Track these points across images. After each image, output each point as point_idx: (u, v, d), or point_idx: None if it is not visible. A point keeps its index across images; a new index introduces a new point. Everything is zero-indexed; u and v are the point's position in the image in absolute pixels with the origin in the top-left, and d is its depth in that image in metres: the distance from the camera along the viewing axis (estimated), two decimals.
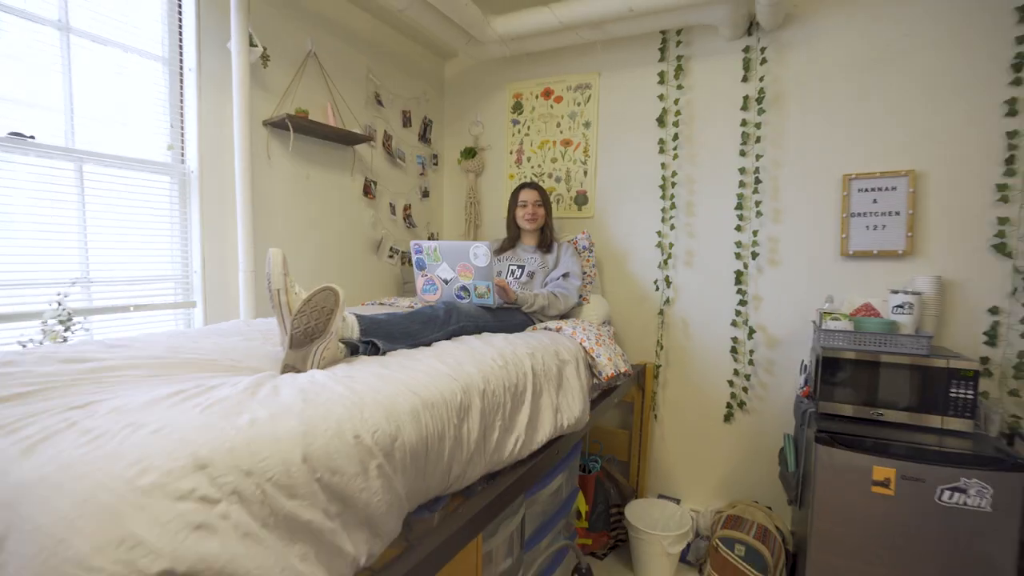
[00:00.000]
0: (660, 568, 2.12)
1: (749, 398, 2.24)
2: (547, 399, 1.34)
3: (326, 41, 2.13)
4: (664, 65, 2.33)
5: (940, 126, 1.90)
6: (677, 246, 2.34)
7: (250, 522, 0.61)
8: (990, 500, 1.45)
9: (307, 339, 1.11)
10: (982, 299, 1.88)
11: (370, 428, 0.80)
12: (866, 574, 1.59)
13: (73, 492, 0.54)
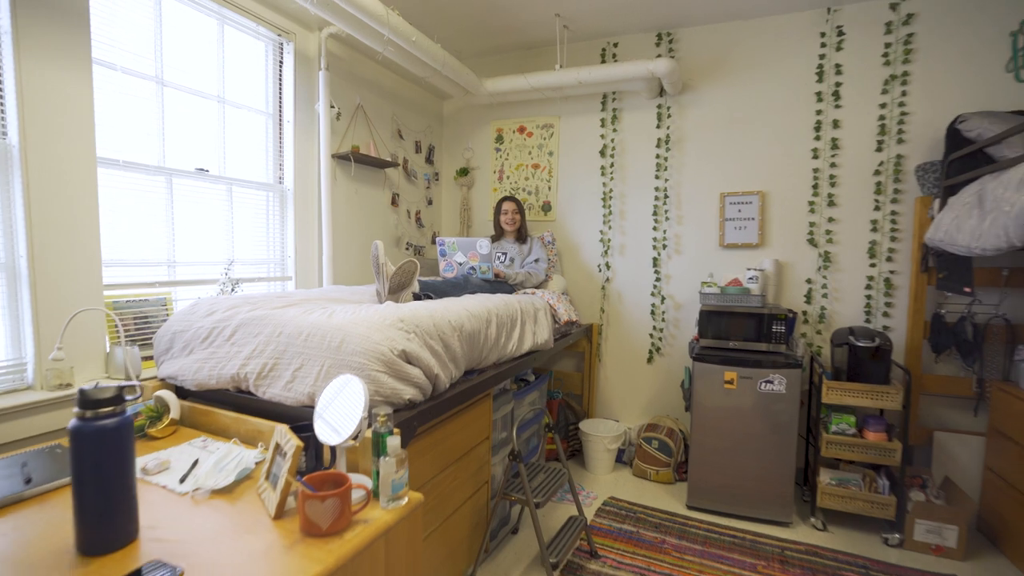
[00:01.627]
0: (603, 461, 3.10)
1: (663, 345, 3.26)
2: (528, 327, 2.29)
3: (367, 96, 3.02)
4: (604, 114, 3.31)
5: (777, 163, 2.95)
6: (613, 241, 3.33)
7: (420, 343, 1.52)
8: (784, 386, 2.48)
9: (399, 289, 2.01)
10: (802, 273, 2.94)
11: (456, 319, 1.72)
12: (721, 443, 2.60)
13: (354, 325, 1.44)
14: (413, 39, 2.37)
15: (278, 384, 1.46)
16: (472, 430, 1.98)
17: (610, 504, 2.73)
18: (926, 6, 2.66)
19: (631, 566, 2.20)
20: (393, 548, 1.09)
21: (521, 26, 3.07)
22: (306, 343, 1.45)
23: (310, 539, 0.98)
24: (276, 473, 1.10)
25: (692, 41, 3.09)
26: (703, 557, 2.27)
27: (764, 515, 2.56)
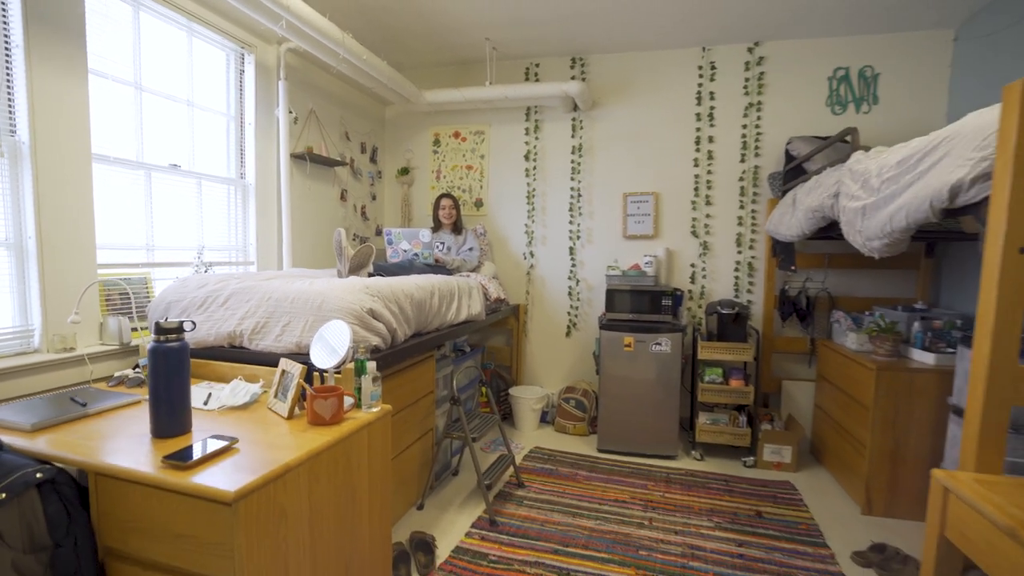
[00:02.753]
0: (529, 421, 3.64)
1: (578, 321, 3.86)
2: (464, 300, 2.78)
3: (319, 102, 3.37)
4: (528, 124, 3.86)
5: (667, 169, 3.63)
6: (536, 233, 3.90)
7: (382, 304, 1.97)
8: (670, 347, 3.13)
9: (357, 268, 2.43)
10: (686, 259, 3.64)
11: (407, 289, 2.17)
12: (624, 396, 3.22)
13: (331, 290, 1.87)
14: (364, 58, 2.78)
15: (269, 337, 1.85)
16: (419, 383, 2.44)
17: (535, 452, 3.28)
18: (773, 52, 3.42)
19: (550, 491, 2.75)
20: (373, 439, 1.55)
21: (456, 46, 3.54)
22: (292, 305, 1.85)
23: (317, 427, 1.41)
24: (285, 390, 1.52)
25: (600, 66, 3.70)
26: (607, 482, 2.87)
27: (656, 451, 3.21)
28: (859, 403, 2.68)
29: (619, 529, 2.39)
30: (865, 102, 3.33)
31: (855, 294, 3.40)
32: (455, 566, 2.09)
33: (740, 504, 2.66)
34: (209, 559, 1.09)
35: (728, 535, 2.36)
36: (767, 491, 2.81)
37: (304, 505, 1.25)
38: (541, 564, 2.11)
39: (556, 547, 2.24)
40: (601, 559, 2.15)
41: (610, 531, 2.37)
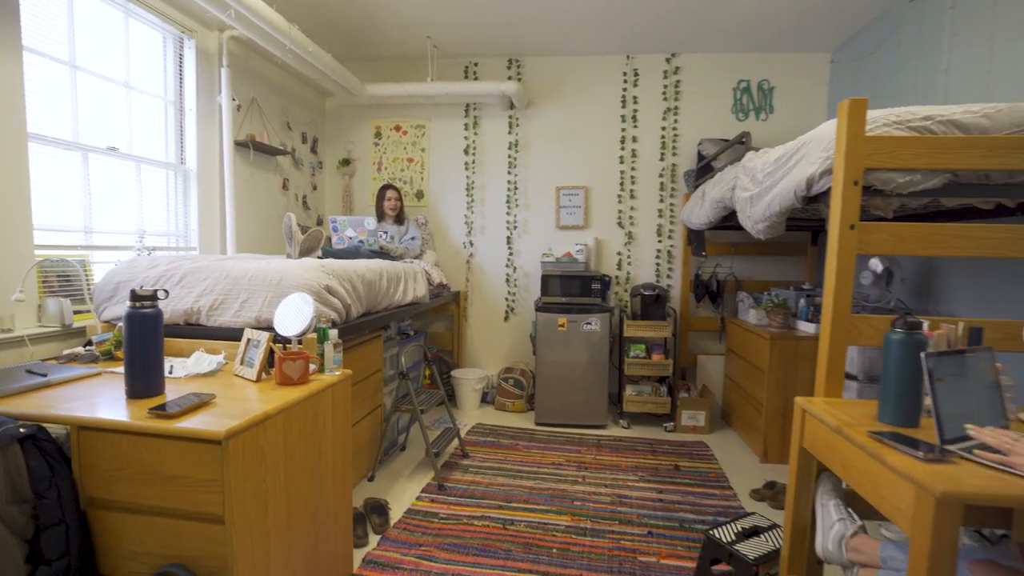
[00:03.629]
0: (471, 400, 3.85)
1: (516, 306, 4.12)
2: (410, 283, 2.95)
3: (260, 90, 3.39)
4: (467, 120, 4.06)
5: (596, 165, 3.97)
6: (475, 223, 4.11)
7: (337, 281, 2.10)
8: (599, 326, 3.46)
9: (307, 252, 2.53)
10: (614, 247, 3.99)
11: (359, 270, 2.32)
12: (558, 373, 3.51)
13: (289, 268, 1.99)
14: (310, 50, 2.87)
15: (228, 313, 1.94)
16: (369, 360, 2.59)
17: (477, 428, 3.50)
18: (687, 63, 3.83)
19: (493, 459, 2.98)
20: (336, 400, 1.71)
21: (399, 42, 3.68)
22: (251, 282, 1.95)
23: (285, 387, 1.55)
24: (251, 356, 1.64)
25: (535, 68, 3.97)
26: (545, 450, 3.14)
27: (588, 422, 3.53)
28: (758, 368, 3.12)
29: (556, 486, 2.66)
30: (763, 111, 3.82)
31: (756, 277, 3.90)
32: (408, 524, 2.27)
33: (661, 461, 3.02)
34: (200, 495, 1.22)
35: (650, 485, 2.70)
36: (684, 450, 3.19)
37: (280, 451, 1.40)
38: (487, 517, 2.34)
39: (500, 503, 2.47)
40: (541, 510, 2.41)
41: (548, 488, 2.63)
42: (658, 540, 2.19)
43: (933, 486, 0.98)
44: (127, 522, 1.28)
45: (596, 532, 2.24)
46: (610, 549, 2.12)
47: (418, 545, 2.10)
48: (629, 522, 2.33)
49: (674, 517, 2.38)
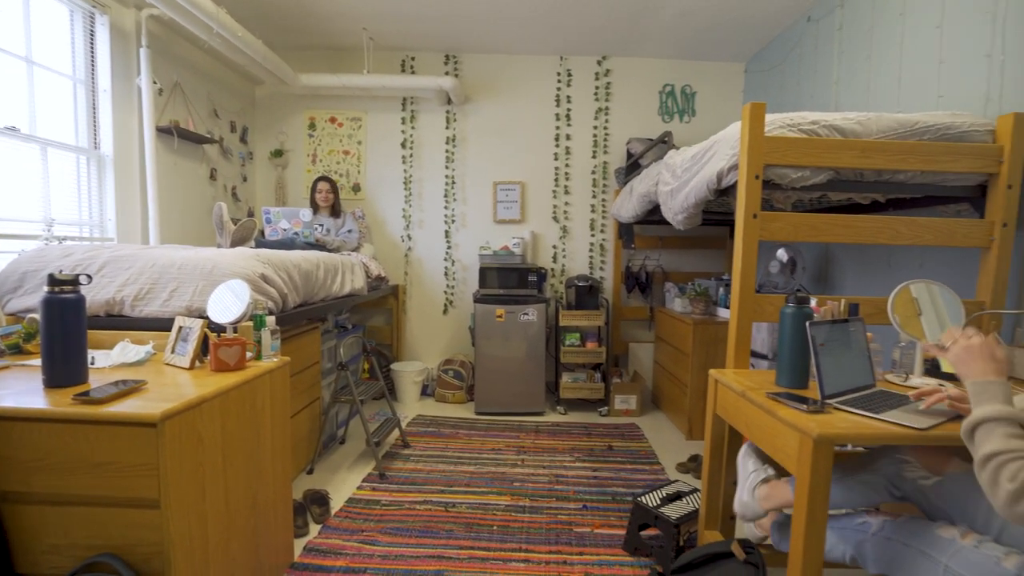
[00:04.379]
0: (411, 393, 3.87)
1: (454, 299, 4.17)
2: (348, 275, 2.93)
3: (184, 74, 3.23)
4: (404, 114, 4.07)
5: (532, 161, 4.09)
6: (414, 217, 4.13)
7: (273, 270, 2.08)
8: (536, 316, 3.59)
9: (239, 243, 2.46)
10: (549, 241, 4.14)
11: (295, 260, 2.29)
12: (497, 363, 3.60)
13: (222, 256, 1.94)
14: (239, 34, 2.78)
15: (155, 303, 1.87)
16: (306, 352, 2.56)
17: (418, 419, 3.53)
18: (617, 66, 4.04)
19: (434, 448, 3.03)
20: (275, 386, 1.70)
21: (333, 33, 3.62)
22: (180, 270, 1.89)
23: (221, 373, 1.54)
24: (184, 344, 1.60)
25: (472, 64, 4.04)
26: (485, 437, 3.22)
27: (527, 409, 3.65)
28: (683, 353, 3.36)
29: (496, 470, 2.75)
30: (686, 114, 4.10)
31: (682, 269, 4.18)
32: (350, 512, 2.28)
33: (596, 442, 3.18)
34: (132, 480, 1.19)
35: (586, 464, 2.85)
36: (617, 431, 3.38)
37: (218, 436, 1.39)
38: (429, 502, 2.39)
39: (442, 488, 2.53)
40: (481, 492, 2.49)
41: (488, 472, 2.72)
42: (592, 512, 2.33)
43: (811, 431, 1.15)
44: (47, 515, 1.24)
45: (535, 509, 2.35)
46: (547, 523, 2.23)
47: (360, 531, 2.12)
48: (566, 498, 2.46)
49: (607, 492, 2.54)
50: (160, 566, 1.23)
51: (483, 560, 1.95)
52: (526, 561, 1.95)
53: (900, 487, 1.32)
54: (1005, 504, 0.85)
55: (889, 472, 1.35)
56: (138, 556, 1.23)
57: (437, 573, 1.86)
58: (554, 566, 1.92)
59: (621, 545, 2.07)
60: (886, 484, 1.34)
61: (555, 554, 2.00)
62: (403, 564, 1.91)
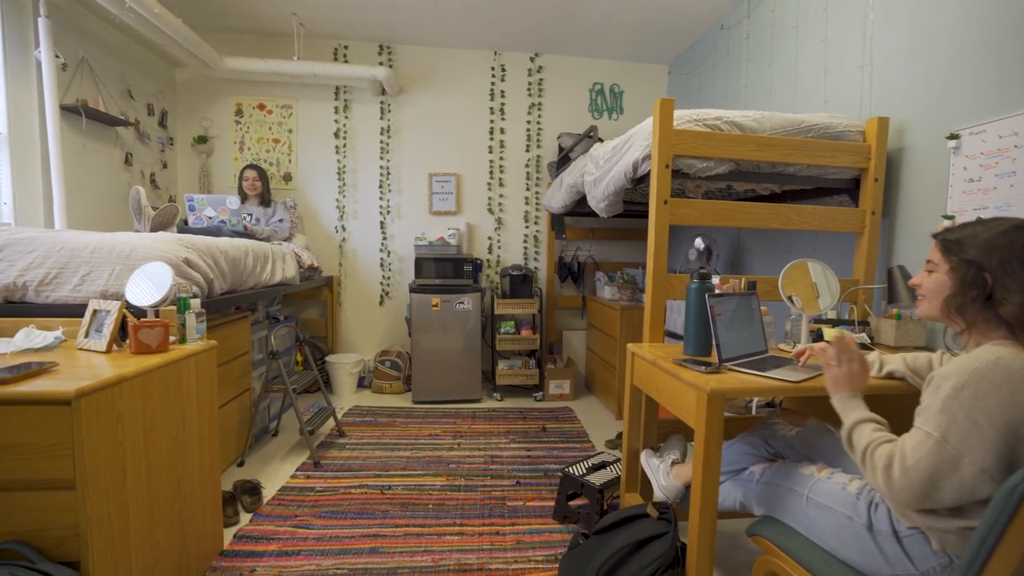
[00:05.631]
0: (347, 385, 3.83)
1: (390, 290, 4.17)
2: (279, 264, 2.88)
3: (92, 51, 3.02)
4: (338, 103, 4.01)
5: (467, 153, 4.15)
6: (348, 208, 4.08)
7: (198, 255, 2.02)
8: (471, 305, 3.66)
9: (160, 229, 2.36)
10: (485, 232, 4.22)
11: (222, 247, 2.23)
12: (434, 352, 3.64)
13: (140, 240, 1.88)
14: (156, 11, 2.65)
15: (65, 288, 1.78)
16: (235, 341, 2.50)
17: (354, 410, 3.51)
18: (549, 63, 4.18)
19: (371, 436, 3.04)
20: (201, 369, 1.67)
21: (261, 17, 3.51)
22: (93, 254, 1.81)
23: (143, 355, 1.50)
24: (99, 327, 1.55)
25: (407, 56, 4.04)
26: (422, 424, 3.26)
27: (464, 397, 3.71)
28: (612, 337, 3.55)
29: (432, 454, 2.80)
30: (615, 111, 4.31)
31: (612, 259, 4.39)
32: (283, 500, 2.26)
33: (530, 425, 3.30)
34: (43, 462, 1.16)
35: (520, 445, 2.96)
36: (551, 414, 3.53)
37: (139, 416, 1.37)
38: (365, 486, 2.41)
39: (378, 473, 2.55)
40: (417, 474, 2.54)
41: (425, 456, 2.77)
42: (525, 488, 2.44)
43: (706, 387, 1.30)
44: None
45: (469, 487, 2.43)
46: (482, 499, 2.32)
47: (293, 516, 2.12)
48: (500, 476, 2.55)
49: (540, 468, 2.66)
50: (76, 549, 1.20)
51: (418, 536, 2.00)
52: (460, 534, 2.03)
53: (772, 444, 1.53)
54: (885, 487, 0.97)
55: (764, 433, 1.55)
56: (50, 540, 1.20)
57: (372, 550, 1.90)
58: (487, 536, 2.01)
59: (551, 515, 2.19)
60: (763, 443, 1.53)
61: (488, 526, 2.09)
62: (337, 544, 1.93)
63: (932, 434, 0.92)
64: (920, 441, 0.93)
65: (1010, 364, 0.89)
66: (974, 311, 1.01)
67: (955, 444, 0.90)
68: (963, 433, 0.90)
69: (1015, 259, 0.95)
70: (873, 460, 1.00)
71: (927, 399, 0.96)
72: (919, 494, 0.93)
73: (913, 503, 0.94)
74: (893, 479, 0.95)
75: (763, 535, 1.31)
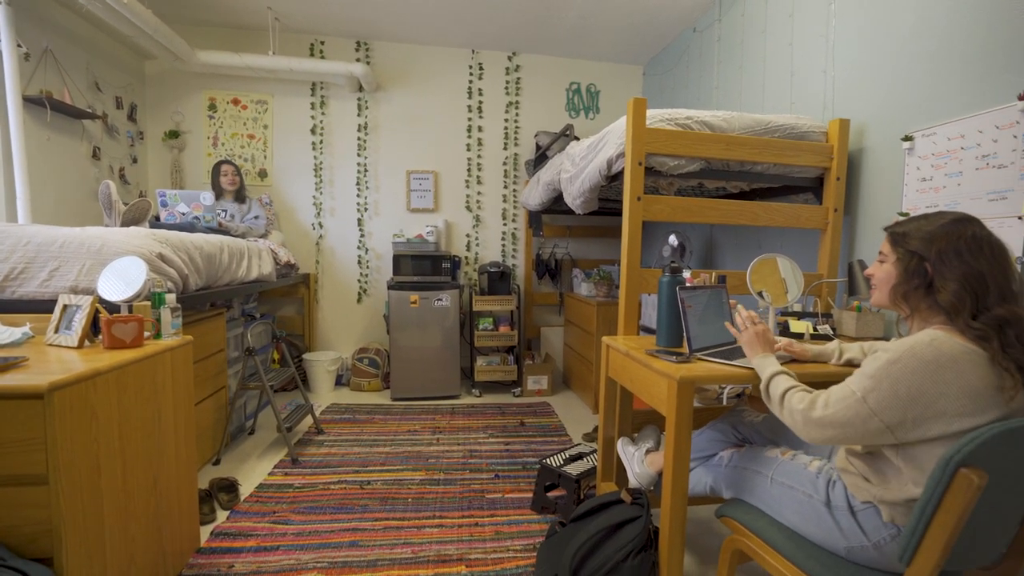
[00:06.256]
0: (325, 382, 3.81)
1: (368, 287, 4.16)
2: (255, 260, 2.85)
3: (57, 41, 2.94)
4: (314, 99, 3.98)
5: (445, 151, 4.16)
6: (325, 205, 4.05)
7: (172, 250, 2.00)
8: (449, 302, 3.68)
9: (131, 224, 2.32)
10: (463, 230, 4.24)
11: (196, 243, 2.21)
12: (412, 349, 3.65)
13: (112, 234, 1.85)
14: (124, 1, 2.60)
15: (32, 283, 1.74)
16: (211, 338, 2.47)
17: (332, 407, 3.49)
18: (527, 62, 4.22)
19: (349, 433, 3.03)
20: (177, 364, 1.66)
21: (236, 10, 3.46)
22: (62, 249, 1.78)
23: (116, 350, 1.49)
24: (70, 323, 1.53)
25: (384, 52, 4.03)
26: (401, 420, 3.27)
27: (443, 393, 3.73)
28: (589, 333, 3.61)
29: (412, 449, 2.82)
30: (591, 111, 4.37)
31: (589, 256, 4.45)
32: (261, 497, 2.25)
33: (509, 420, 3.34)
34: (16, 456, 1.15)
35: (499, 439, 2.99)
36: (530, 409, 3.57)
37: (114, 411, 1.36)
38: (344, 481, 2.41)
39: (357, 468, 2.56)
40: (397, 469, 2.56)
41: (404, 451, 2.78)
42: (504, 481, 2.48)
43: (676, 375, 1.36)
44: None
45: (449, 481, 2.45)
46: (461, 492, 2.34)
47: (272, 513, 2.11)
48: (479, 470, 2.58)
49: (518, 462, 2.70)
50: (49, 545, 1.19)
51: (398, 529, 2.02)
52: (440, 526, 2.05)
53: (740, 430, 1.60)
54: (801, 422, 1.10)
55: (733, 419, 1.62)
56: (23, 537, 1.18)
57: (352, 543, 1.91)
58: (466, 528, 2.04)
59: (529, 506, 2.23)
60: (731, 430, 1.60)
61: (467, 518, 2.12)
62: (317, 539, 1.93)
63: (856, 393, 1.03)
64: (845, 396, 1.05)
65: (941, 346, 0.97)
66: (917, 298, 1.08)
67: (872, 405, 1.00)
68: (882, 398, 0.99)
69: (951, 250, 1.03)
70: (791, 402, 1.14)
71: (864, 365, 1.05)
72: (826, 433, 1.06)
73: (820, 439, 1.08)
74: (811, 417, 1.08)
75: (730, 516, 1.37)
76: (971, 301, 0.99)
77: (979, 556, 0.96)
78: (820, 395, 1.10)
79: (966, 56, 1.67)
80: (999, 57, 1.57)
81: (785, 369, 1.26)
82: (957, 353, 0.96)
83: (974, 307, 0.99)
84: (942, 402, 0.94)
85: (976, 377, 0.94)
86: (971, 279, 1.00)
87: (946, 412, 0.94)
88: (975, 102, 1.64)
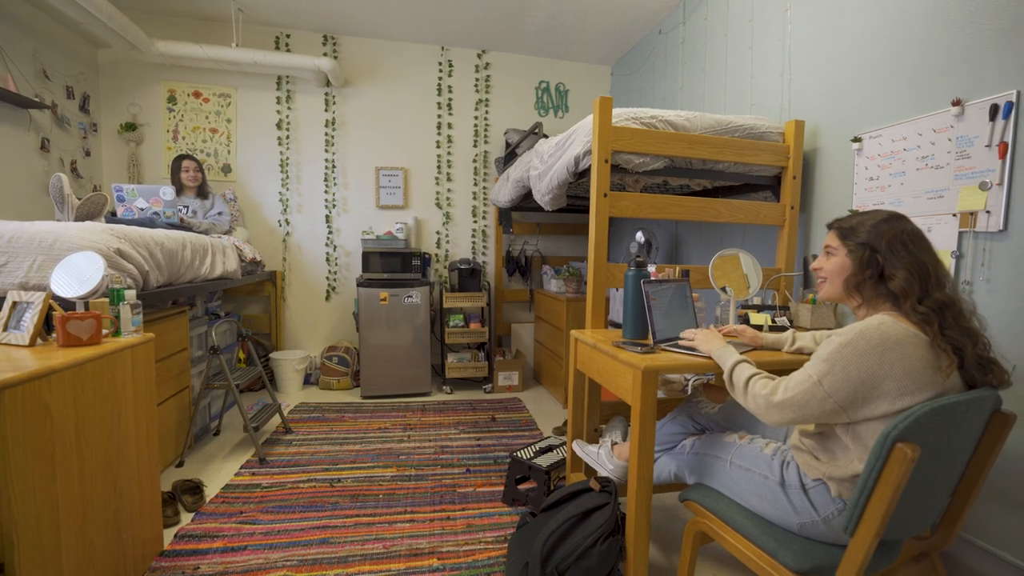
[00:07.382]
0: (293, 381, 3.75)
1: (337, 285, 4.10)
2: (219, 257, 2.78)
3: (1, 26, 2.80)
4: (280, 93, 3.89)
5: (414, 147, 4.14)
6: (291, 201, 3.98)
7: (131, 246, 1.94)
8: (419, 299, 3.67)
9: (86, 219, 2.24)
10: (433, 227, 4.23)
11: (157, 238, 2.14)
12: (382, 346, 3.62)
13: (65, 229, 1.78)
14: None
15: None
16: (173, 337, 2.41)
17: (301, 407, 3.44)
18: (496, 60, 4.23)
19: (318, 431, 3.00)
20: (138, 362, 1.62)
21: None
22: (9, 244, 1.70)
23: (72, 348, 1.44)
24: (19, 319, 1.47)
25: (352, 47, 3.98)
26: (371, 418, 3.25)
27: (413, 391, 3.72)
28: (558, 329, 3.66)
29: (383, 446, 2.80)
30: (560, 109, 4.42)
31: (559, 253, 4.51)
32: (227, 497, 2.20)
33: (480, 416, 3.36)
34: None
35: (470, 435, 3.01)
36: (500, 405, 3.59)
37: (70, 410, 1.31)
38: (314, 480, 2.39)
39: (327, 467, 2.53)
40: (367, 467, 2.54)
41: (374, 448, 2.77)
42: (475, 475, 2.49)
43: (641, 364, 1.41)
44: None
45: (420, 477, 2.46)
46: (432, 488, 2.35)
47: (239, 513, 2.07)
48: (450, 465, 2.59)
49: (490, 456, 2.72)
50: (0, 550, 1.15)
51: (369, 525, 2.02)
52: (411, 521, 2.06)
53: (698, 420, 1.67)
54: (764, 406, 1.16)
55: (691, 411, 1.69)
56: None
57: (322, 540, 1.90)
58: (438, 522, 2.05)
59: (501, 499, 2.26)
60: (690, 421, 1.67)
61: (439, 512, 2.13)
62: (286, 537, 1.91)
63: (812, 376, 1.10)
64: (802, 380, 1.12)
65: (888, 330, 1.04)
66: (869, 287, 1.16)
67: (827, 388, 1.07)
68: (835, 380, 1.07)
69: (898, 242, 1.11)
70: (755, 388, 1.20)
71: (819, 349, 1.12)
72: (787, 416, 1.13)
73: (780, 421, 1.15)
74: (773, 401, 1.15)
75: (693, 499, 1.42)
76: (918, 287, 1.07)
77: (915, 526, 1.04)
78: (781, 381, 1.17)
79: (909, 63, 1.77)
80: (937, 64, 1.68)
81: (745, 358, 1.32)
82: (901, 336, 1.03)
83: (921, 292, 1.07)
84: (888, 383, 1.02)
85: (917, 358, 1.02)
86: (916, 267, 1.08)
87: (890, 392, 1.02)
88: (916, 106, 1.75)
